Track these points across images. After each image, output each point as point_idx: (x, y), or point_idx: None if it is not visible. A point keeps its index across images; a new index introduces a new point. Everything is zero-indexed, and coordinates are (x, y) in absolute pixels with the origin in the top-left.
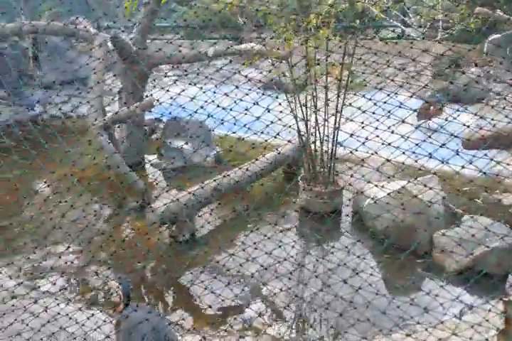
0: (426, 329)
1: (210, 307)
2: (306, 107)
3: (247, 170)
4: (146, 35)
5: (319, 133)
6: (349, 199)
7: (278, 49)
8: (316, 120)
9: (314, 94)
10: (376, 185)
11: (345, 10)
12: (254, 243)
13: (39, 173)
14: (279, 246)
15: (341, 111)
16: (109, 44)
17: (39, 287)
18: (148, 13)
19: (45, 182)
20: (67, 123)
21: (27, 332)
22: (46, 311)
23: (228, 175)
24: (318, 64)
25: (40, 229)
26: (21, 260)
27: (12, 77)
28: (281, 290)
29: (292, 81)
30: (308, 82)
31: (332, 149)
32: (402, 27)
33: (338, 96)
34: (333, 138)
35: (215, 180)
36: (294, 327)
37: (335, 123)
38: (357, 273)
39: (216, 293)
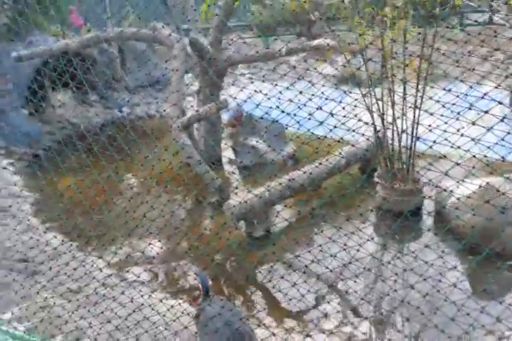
0: (499, 339)
1: (279, 304)
2: (382, 101)
3: (308, 170)
4: (221, 36)
5: (396, 128)
6: (424, 197)
7: (352, 44)
8: (394, 114)
9: (391, 88)
10: (457, 182)
11: None
12: (320, 245)
13: (124, 174)
14: (344, 250)
15: (421, 104)
16: (188, 47)
17: (126, 279)
18: (222, 16)
19: (129, 184)
20: (151, 124)
21: (115, 319)
22: (132, 301)
23: (305, 172)
24: (394, 58)
25: (125, 226)
26: (110, 254)
27: (102, 82)
28: (346, 292)
29: (368, 76)
30: (384, 75)
31: (411, 144)
32: (490, 13)
33: (417, 89)
34: (412, 132)
35: (290, 179)
36: (360, 329)
37: (414, 117)
38: (424, 279)
39: (284, 291)
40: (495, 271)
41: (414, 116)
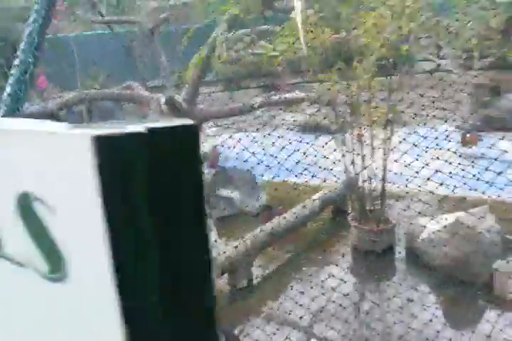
0: None
1: None
2: (352, 148)
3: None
4: (195, 93)
5: (366, 171)
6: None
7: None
8: (363, 158)
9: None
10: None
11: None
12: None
13: None
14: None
15: (389, 149)
16: (163, 105)
17: None
18: (198, 72)
19: None
20: None
21: None
22: None
23: (284, 218)
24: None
25: None
26: None
27: None
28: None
29: (338, 125)
30: (353, 124)
31: (382, 186)
32: (437, 60)
33: (388, 137)
34: (383, 175)
35: (263, 228)
36: None
37: (384, 162)
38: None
39: None
40: (469, 300)
41: (384, 160)
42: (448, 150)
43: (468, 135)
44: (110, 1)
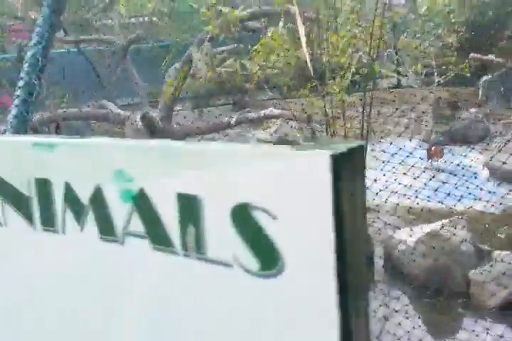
0: None
1: None
2: None
3: None
4: (171, 111)
5: None
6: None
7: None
8: None
9: None
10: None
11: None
12: None
13: None
14: None
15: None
16: (139, 122)
17: None
18: (172, 92)
19: None
20: None
21: None
22: None
23: None
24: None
25: None
26: None
27: None
28: None
29: (313, 139)
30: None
31: None
32: (397, 76)
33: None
34: None
35: None
36: None
37: None
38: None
39: None
40: (448, 309)
41: None
42: (415, 164)
43: (433, 148)
44: (73, 19)
